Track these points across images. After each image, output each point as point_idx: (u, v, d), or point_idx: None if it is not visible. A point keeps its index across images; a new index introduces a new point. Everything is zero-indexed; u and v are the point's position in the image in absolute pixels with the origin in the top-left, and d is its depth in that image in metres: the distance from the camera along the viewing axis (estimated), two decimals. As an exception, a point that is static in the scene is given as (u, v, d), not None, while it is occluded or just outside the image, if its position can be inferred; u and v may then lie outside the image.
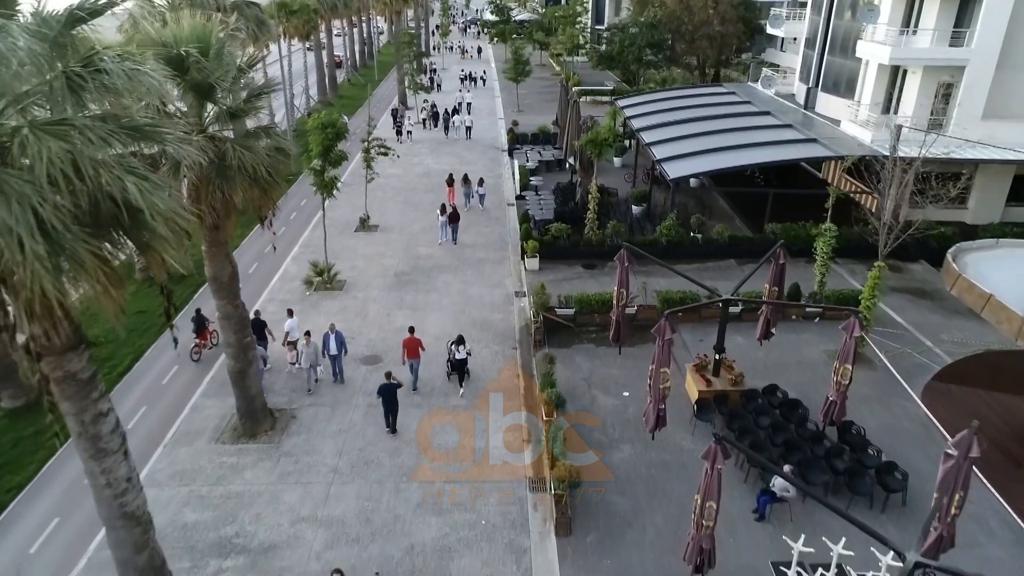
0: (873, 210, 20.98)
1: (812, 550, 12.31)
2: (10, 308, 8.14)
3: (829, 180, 30.60)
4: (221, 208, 13.64)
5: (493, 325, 22.11)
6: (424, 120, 48.60)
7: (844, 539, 12.14)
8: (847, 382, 15.44)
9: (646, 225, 29.41)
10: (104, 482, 9.91)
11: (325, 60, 56.83)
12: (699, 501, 11.41)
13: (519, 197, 32.97)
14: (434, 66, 70.88)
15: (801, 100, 35.58)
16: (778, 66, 49.42)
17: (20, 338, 8.38)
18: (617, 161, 39.05)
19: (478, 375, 19.34)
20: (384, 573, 12.86)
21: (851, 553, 11.93)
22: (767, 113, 32.44)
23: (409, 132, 45.50)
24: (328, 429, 17.06)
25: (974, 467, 15.43)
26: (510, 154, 40.67)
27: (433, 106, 49.30)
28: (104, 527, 10.63)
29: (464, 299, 23.70)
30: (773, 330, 19.23)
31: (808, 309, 22.24)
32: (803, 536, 12.41)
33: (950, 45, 26.66)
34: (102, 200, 7.47)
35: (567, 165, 36.73)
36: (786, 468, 14.27)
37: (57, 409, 8.88)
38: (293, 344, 18.55)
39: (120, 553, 10.55)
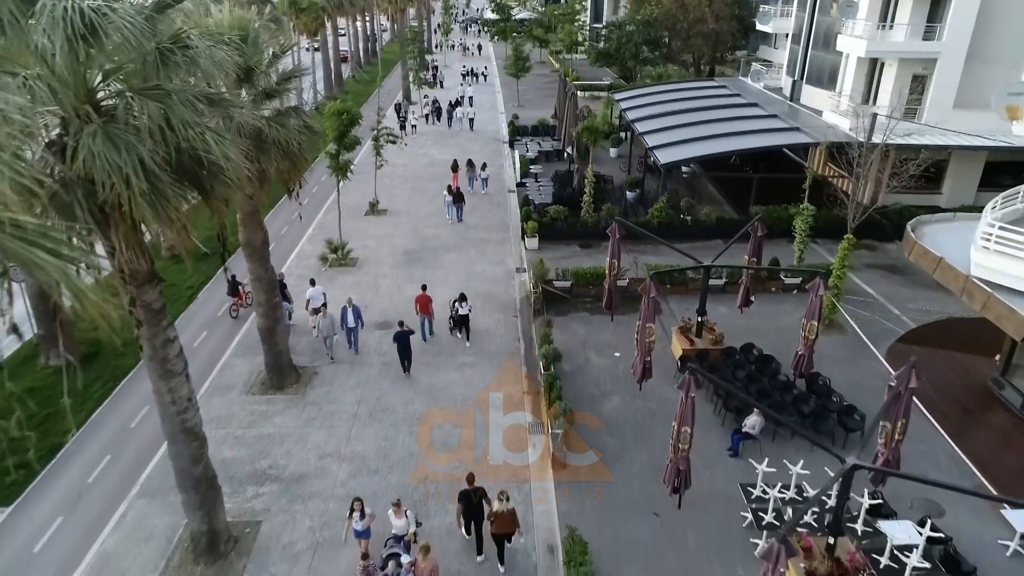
0: (849, 192, 22.76)
1: (774, 470, 14.15)
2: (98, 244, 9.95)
3: (813, 167, 32.42)
4: (256, 178, 15.43)
5: (496, 297, 23.93)
6: (427, 115, 50.40)
7: (802, 462, 13.98)
8: (814, 337, 17.25)
9: (639, 209, 31.18)
10: (169, 400, 11.73)
11: (332, 56, 58.56)
12: (676, 427, 13.19)
13: (519, 184, 34.75)
14: (436, 63, 72.66)
15: (788, 92, 37.39)
16: (771, 62, 51.19)
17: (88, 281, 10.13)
18: (613, 152, 40.84)
19: (481, 337, 21.20)
20: (400, 499, 14.67)
21: (807, 472, 13.76)
22: (754, 105, 34.27)
23: (414, 126, 47.29)
24: (348, 383, 18.88)
25: (934, 419, 17.39)
26: (511, 145, 42.46)
27: (435, 101, 51.10)
28: (166, 442, 12.44)
29: (468, 274, 25.50)
30: (752, 298, 21.05)
31: (787, 281, 24.08)
32: (766, 459, 14.25)
33: (923, 39, 28.47)
34: (186, 152, 9.29)
35: (565, 154, 38.58)
36: (755, 411, 16.10)
37: (141, 325, 10.67)
38: (316, 311, 20.33)
39: (179, 464, 12.36)
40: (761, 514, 13.64)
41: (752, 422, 16.04)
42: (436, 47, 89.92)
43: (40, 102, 8.14)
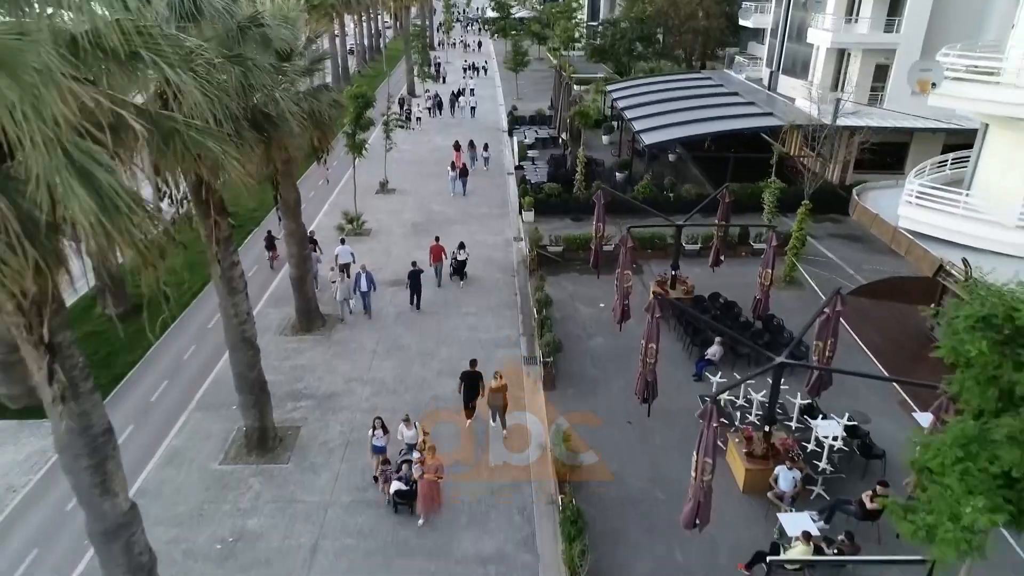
0: (817, 169, 25.67)
1: (725, 380, 17.02)
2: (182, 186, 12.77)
3: (790, 150, 35.29)
4: (292, 144, 18.27)
5: (496, 260, 26.80)
6: (429, 109, 53.26)
7: (752, 382, 16.85)
8: (769, 283, 20.15)
9: (627, 188, 33.95)
10: (233, 313, 14.59)
11: (339, 51, 61.39)
12: (643, 344, 16.06)
13: (517, 167, 37.58)
14: (438, 60, 75.53)
15: (766, 82, 40.23)
16: (760, 57, 53.96)
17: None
18: (605, 139, 43.67)
19: (482, 291, 24.10)
20: (413, 413, 17.49)
21: (752, 382, 16.61)
22: (735, 94, 37.13)
23: (419, 118, 50.14)
24: (367, 328, 21.73)
25: (878, 361, 20.16)
26: (510, 133, 45.34)
27: (436, 95, 53.97)
28: (228, 351, 15.31)
29: (471, 242, 28.15)
30: (722, 258, 23.96)
31: (755, 246, 26.92)
32: (719, 373, 17.11)
33: (884, 31, 31.29)
34: (258, 107, 12.14)
35: (560, 140, 41.44)
36: (717, 340, 18.96)
37: (218, 244, 13.52)
38: (343, 267, 23.15)
39: (238, 369, 15.23)
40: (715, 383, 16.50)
41: (713, 351, 18.90)
42: (438, 44, 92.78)
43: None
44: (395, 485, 14.32)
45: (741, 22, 48.65)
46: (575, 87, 40.71)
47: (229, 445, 16.42)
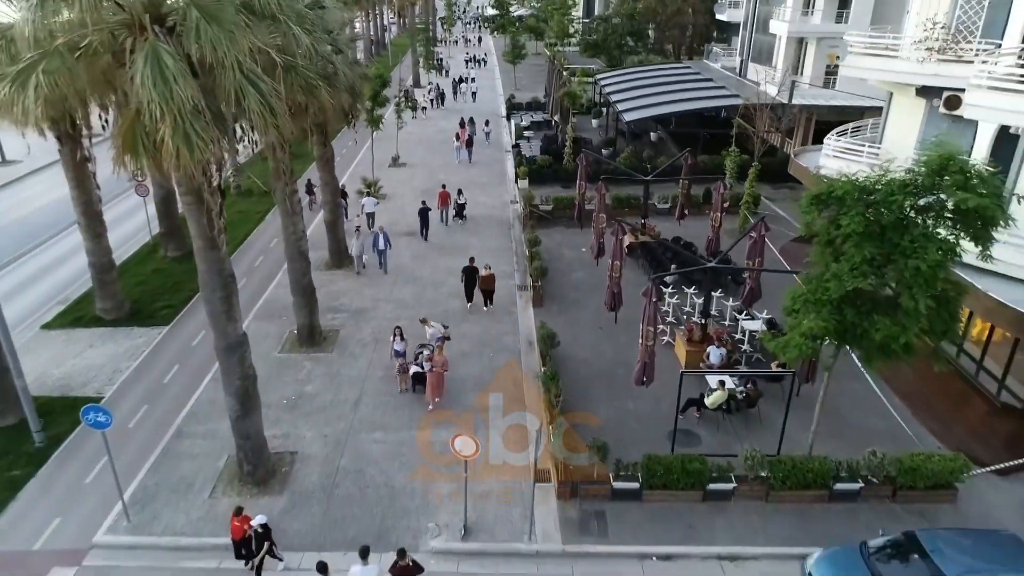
0: (764, 138, 30.04)
1: (678, 300, 21.43)
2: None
3: (755, 127, 39.71)
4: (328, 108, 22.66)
5: (495, 217, 31.24)
6: (431, 100, 57.62)
7: (701, 300, 21.24)
8: (719, 225, 24.48)
9: (611, 163, 38.45)
10: (291, 231, 19.01)
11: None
12: (611, 262, 20.43)
13: (514, 146, 42.02)
14: (440, 56, 79.97)
15: (738, 70, 44.65)
16: (732, 48, 58.29)
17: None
18: (594, 123, 48.09)
19: (484, 238, 28.49)
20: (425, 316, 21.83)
21: (700, 300, 21.00)
22: (709, 79, 41.52)
23: (424, 108, 54.50)
24: (386, 268, 26.11)
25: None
26: (508, 118, 49.76)
27: (438, 86, 58.34)
28: (286, 263, 19.73)
29: (474, 203, 32.70)
30: (686, 212, 28.33)
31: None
32: (671, 288, 21.52)
33: (835, 22, 35.68)
34: (318, 67, 16.53)
35: (552, 123, 45.86)
36: (672, 268, 23.37)
37: (284, 175, 17.90)
38: (369, 216, 27.57)
39: (294, 276, 19.65)
40: (667, 319, 20.91)
41: (671, 280, 23.30)
42: (440, 41, 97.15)
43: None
44: (413, 369, 18.63)
45: (717, 16, 52.97)
46: (564, 73, 45.26)
47: (284, 341, 20.84)
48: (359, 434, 16.93)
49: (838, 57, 22.29)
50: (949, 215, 12.94)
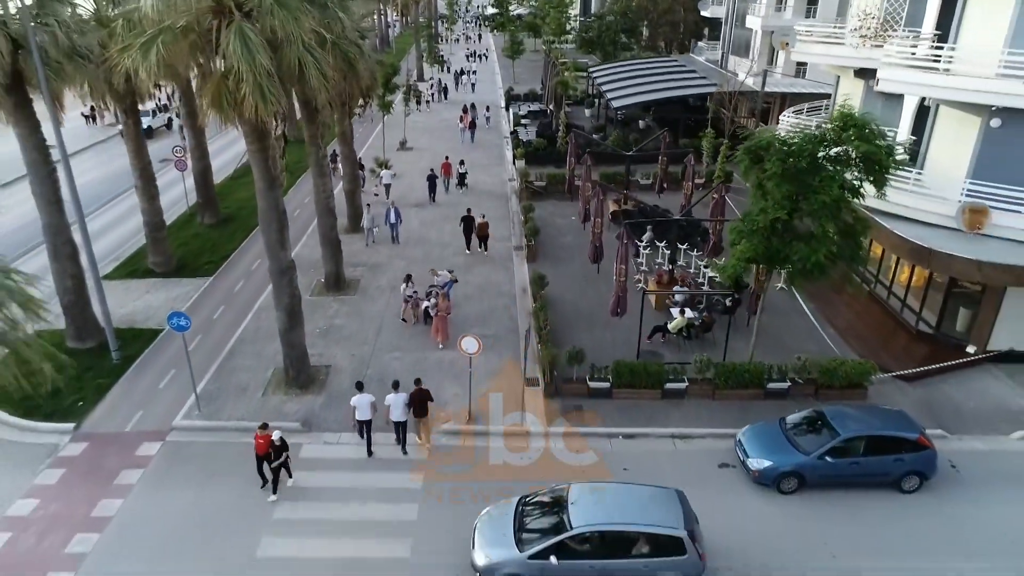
0: (751, 127, 33.59)
1: (649, 251, 24.89)
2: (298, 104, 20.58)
3: (728, 112, 43.14)
4: (347, 89, 26.12)
5: (494, 191, 34.72)
6: (433, 94, 61.09)
7: (657, 221, 24.68)
8: (690, 193, 27.96)
9: (600, 142, 41.93)
10: (321, 189, 22.49)
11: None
12: (594, 219, 23.86)
13: (512, 132, 45.50)
14: (442, 53, 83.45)
15: (720, 62, 48.12)
16: (716, 42, 61.78)
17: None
18: (587, 112, 51.54)
19: (484, 207, 31.76)
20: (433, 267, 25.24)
21: (668, 252, 24.42)
22: (692, 71, 44.97)
23: (428, 101, 57.95)
24: (398, 239, 29.55)
25: None
26: (506, 108, 53.22)
27: (440, 81, 61.81)
28: (316, 219, 23.18)
29: (475, 180, 36.18)
30: (664, 185, 31.80)
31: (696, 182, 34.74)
32: (648, 248, 24.98)
33: (805, 16, 39.14)
34: (353, 46, 19.99)
35: (548, 112, 49.31)
36: (648, 229, 26.81)
37: (317, 140, 21.32)
38: (386, 187, 31.06)
39: (323, 230, 23.13)
40: (641, 268, 24.39)
41: (646, 236, 26.76)
42: (442, 39, 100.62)
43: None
44: (425, 303, 22.09)
45: (702, 13, 56.42)
46: (559, 65, 48.73)
47: (313, 287, 24.31)
48: (381, 354, 20.42)
49: (787, 44, 25.66)
50: (853, 162, 16.41)
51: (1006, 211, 17.91)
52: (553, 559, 12.28)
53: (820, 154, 16.44)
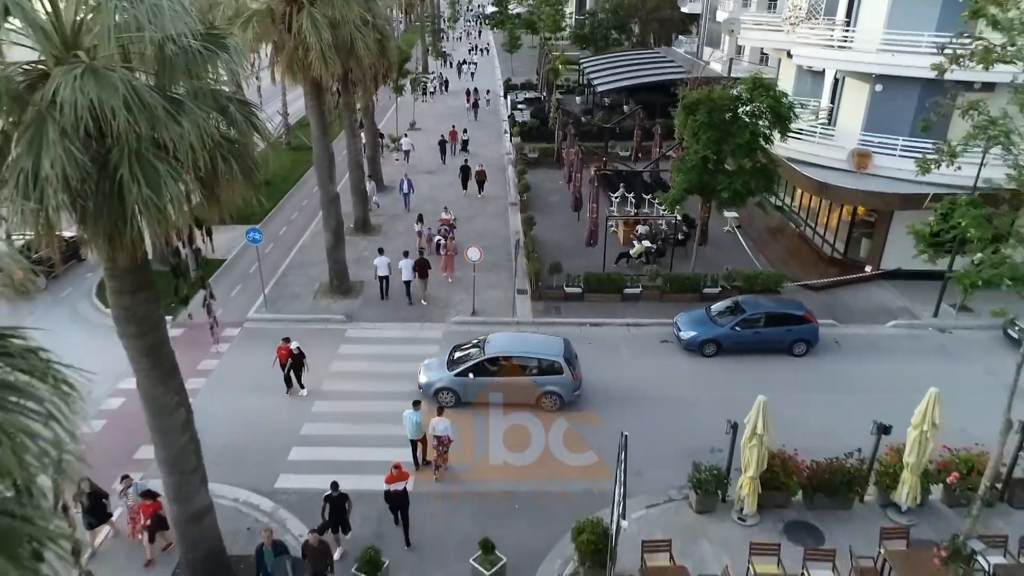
0: None
1: (620, 201, 30.30)
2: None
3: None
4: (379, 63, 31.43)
5: (494, 162, 40.05)
6: (436, 86, 66.42)
7: (633, 200, 30.06)
8: (658, 158, 33.32)
9: (585, 120, 47.27)
10: (352, 147, 27.84)
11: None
12: (576, 175, 29.22)
13: (510, 116, 50.85)
14: (444, 49, 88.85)
15: (696, 53, 53.47)
16: (694, 36, 67.09)
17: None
18: (578, 100, 56.82)
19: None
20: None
21: (636, 200, 29.76)
22: (671, 61, 50.32)
23: (432, 92, 63.31)
24: (414, 192, 34.90)
25: None
26: (505, 96, 58.60)
27: (442, 75, 67.15)
28: (348, 173, 28.53)
29: (477, 153, 41.55)
30: (639, 155, 37.18)
31: (668, 153, 40.16)
32: (623, 200, 30.39)
33: (767, 10, 44.43)
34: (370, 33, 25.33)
35: (542, 98, 54.68)
36: (622, 186, 32.16)
37: (349, 108, 26.65)
38: (406, 153, 36.50)
39: (353, 181, 28.48)
40: (614, 215, 29.76)
41: (620, 192, 32.09)
42: (444, 36, 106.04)
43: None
44: (436, 237, 27.46)
45: (682, 9, 61.78)
46: (552, 56, 54.13)
47: (346, 230, 29.62)
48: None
49: (732, 31, 30.92)
50: (763, 114, 21.77)
51: (884, 155, 23.22)
52: (471, 375, 17.77)
53: (740, 110, 21.82)
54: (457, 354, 18.67)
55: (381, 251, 23.76)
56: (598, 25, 74.79)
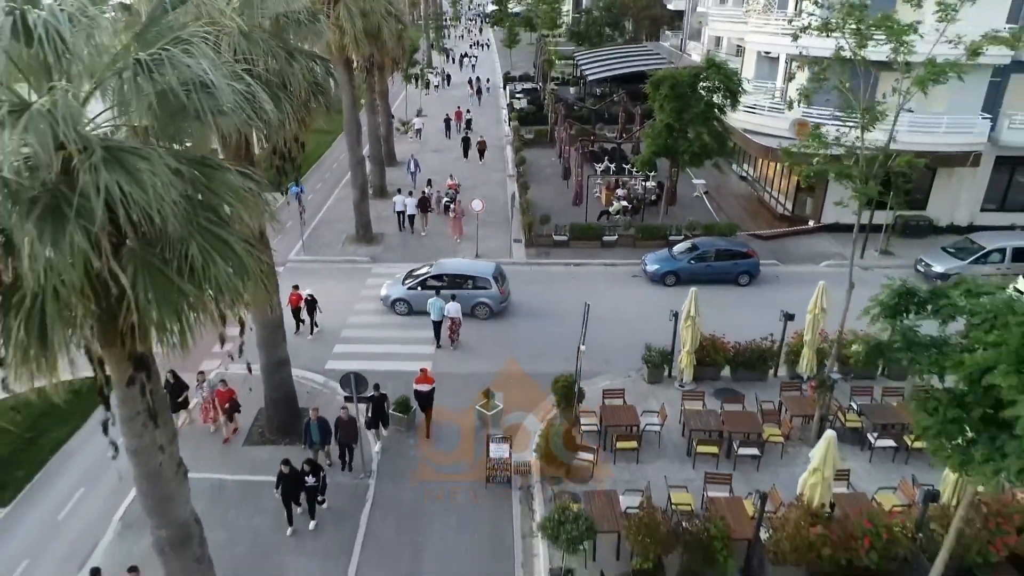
0: None
1: (603, 170, 34.91)
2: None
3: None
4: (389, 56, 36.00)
5: (493, 143, 44.66)
6: (439, 80, 70.97)
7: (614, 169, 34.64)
8: (638, 137, 37.82)
9: (576, 104, 51.83)
10: (373, 122, 32.36)
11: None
12: (567, 148, 33.74)
13: (508, 104, 55.42)
14: (446, 46, 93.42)
15: (680, 47, 58.02)
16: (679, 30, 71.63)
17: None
18: (572, 91, 61.41)
19: (487, 154, 41.95)
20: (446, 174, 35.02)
21: (616, 168, 34.32)
22: (656, 54, 54.86)
23: (436, 86, 67.85)
24: (425, 164, 39.42)
25: None
26: (504, 87, 63.21)
27: (444, 70, 71.75)
28: (368, 144, 33.09)
29: (478, 135, 46.13)
30: (624, 135, 41.74)
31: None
32: (601, 167, 34.98)
33: (742, 4, 48.90)
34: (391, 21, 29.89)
35: (538, 89, 59.25)
36: (606, 158, 36.69)
37: (373, 90, 31.19)
38: (417, 131, 41.16)
39: (373, 152, 33.01)
40: (598, 183, 34.31)
41: (603, 165, 36.66)
42: (446, 34, 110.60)
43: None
44: (444, 199, 32.02)
45: (667, 6, 66.28)
46: (548, 48, 58.69)
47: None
48: (417, 226, 30.40)
49: (700, 21, 35.38)
50: (717, 89, 26.31)
51: (819, 123, 27.69)
52: (419, 288, 22.53)
53: (700, 85, 26.38)
54: (411, 275, 23.52)
55: (399, 191, 30.22)
56: (593, 22, 79.50)
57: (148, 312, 7.57)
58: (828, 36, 15.20)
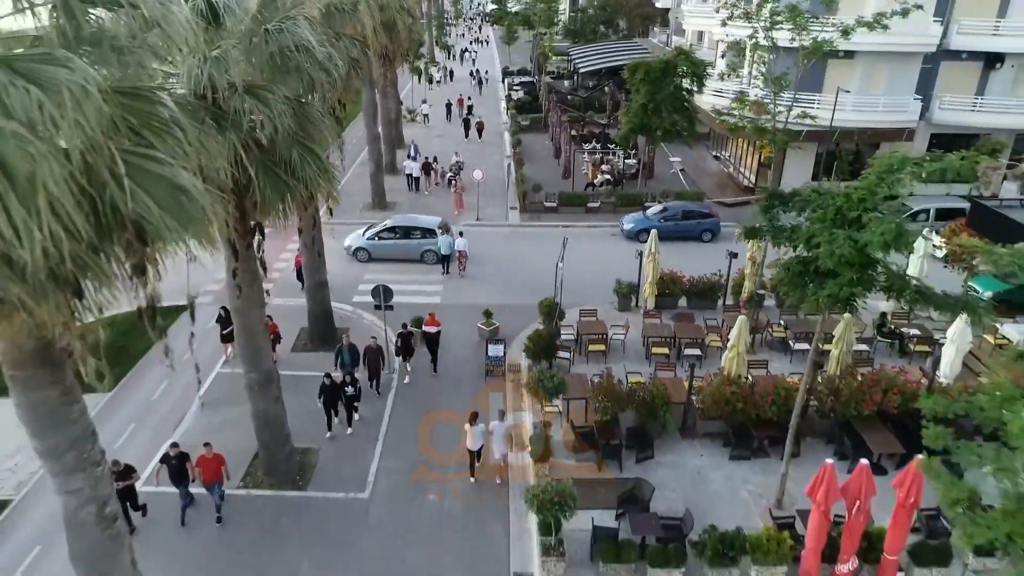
0: None
1: (591, 149, 39.06)
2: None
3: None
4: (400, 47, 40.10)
5: (492, 128, 48.85)
6: (442, 77, 75.14)
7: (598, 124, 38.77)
8: (617, 116, 41.97)
9: (569, 94, 55.95)
10: (384, 106, 36.55)
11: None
12: (559, 131, 37.87)
13: (507, 95, 59.57)
14: (448, 43, 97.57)
15: (666, 42, 62.14)
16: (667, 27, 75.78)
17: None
18: (566, 84, 65.59)
19: (487, 138, 46.05)
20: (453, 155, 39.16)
21: (602, 148, 38.46)
22: (644, 48, 58.98)
23: (438, 81, 72.00)
24: (431, 144, 43.56)
25: None
26: (502, 80, 67.39)
27: (446, 67, 75.96)
28: (380, 126, 37.32)
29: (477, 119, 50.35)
30: (612, 119, 45.85)
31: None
32: (590, 146, 39.13)
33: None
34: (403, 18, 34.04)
35: (534, 82, 63.41)
36: (593, 141, 40.80)
37: (385, 79, 35.43)
38: (425, 116, 45.45)
39: (385, 131, 37.19)
40: (585, 161, 38.43)
41: (590, 146, 40.77)
42: (448, 32, 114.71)
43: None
44: (448, 174, 36.19)
45: (656, 5, 70.43)
46: (543, 44, 62.90)
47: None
48: (423, 198, 34.50)
49: (677, 17, 39.50)
50: (685, 74, 30.46)
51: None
52: (377, 239, 26.90)
53: (673, 71, 30.53)
54: (370, 227, 27.96)
55: (408, 156, 35.52)
56: (588, 20, 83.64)
57: (264, 193, 11.80)
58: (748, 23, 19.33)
